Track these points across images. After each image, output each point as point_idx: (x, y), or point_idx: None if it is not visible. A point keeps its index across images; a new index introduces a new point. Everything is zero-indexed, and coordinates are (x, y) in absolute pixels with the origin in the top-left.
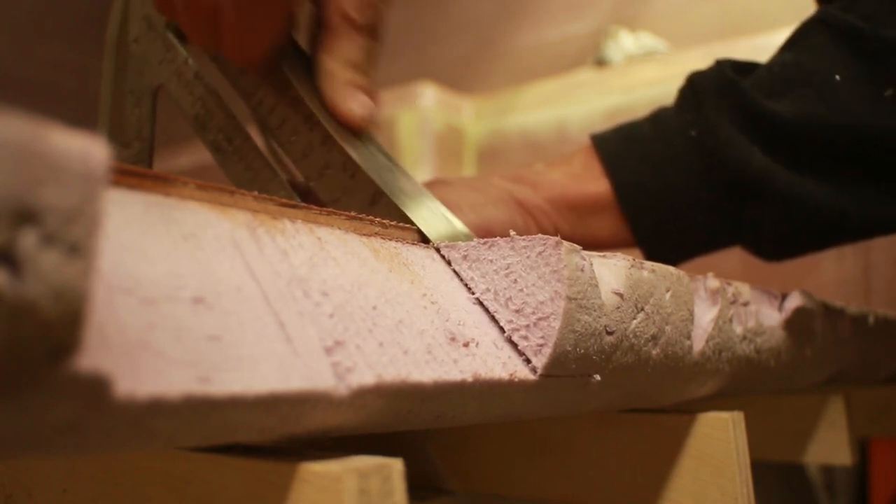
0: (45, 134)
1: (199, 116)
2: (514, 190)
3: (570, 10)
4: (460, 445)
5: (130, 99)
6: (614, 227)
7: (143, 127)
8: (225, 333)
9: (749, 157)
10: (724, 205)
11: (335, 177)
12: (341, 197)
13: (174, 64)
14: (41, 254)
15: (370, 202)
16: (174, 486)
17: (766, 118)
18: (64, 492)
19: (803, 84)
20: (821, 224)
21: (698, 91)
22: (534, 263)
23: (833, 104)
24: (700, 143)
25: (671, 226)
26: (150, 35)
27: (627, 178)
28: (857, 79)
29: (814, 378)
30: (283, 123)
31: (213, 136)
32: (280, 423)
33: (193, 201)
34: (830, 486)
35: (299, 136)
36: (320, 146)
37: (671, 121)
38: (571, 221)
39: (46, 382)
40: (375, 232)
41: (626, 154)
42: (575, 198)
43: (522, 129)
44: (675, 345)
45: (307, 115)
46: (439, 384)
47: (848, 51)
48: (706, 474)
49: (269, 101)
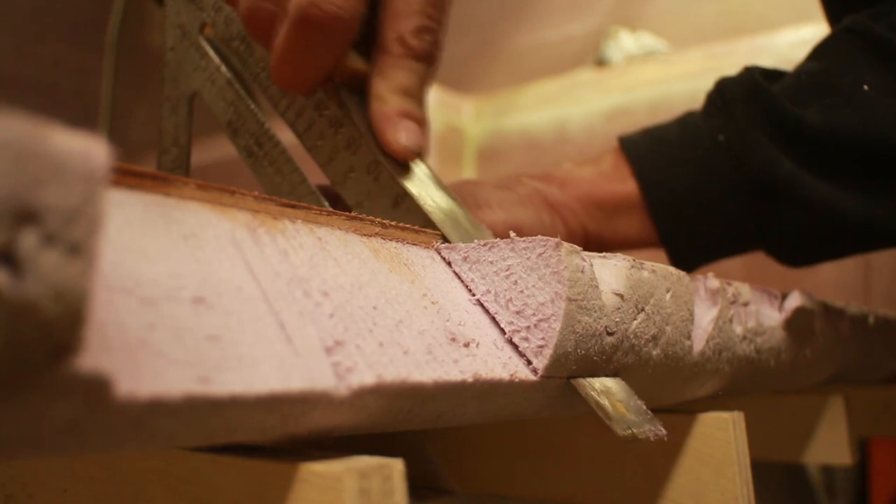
0: (45, 134)
1: (231, 122)
2: (542, 189)
3: (570, 10)
4: (460, 445)
5: (167, 106)
6: (641, 227)
7: (179, 134)
8: (225, 333)
9: (775, 163)
10: (750, 209)
11: (359, 180)
12: (364, 200)
13: (207, 71)
14: (42, 254)
15: (393, 205)
16: (174, 486)
17: (794, 125)
18: (64, 492)
19: (831, 93)
20: (845, 232)
21: (727, 96)
22: (534, 265)
23: (861, 113)
24: (727, 148)
25: (696, 228)
26: (184, 43)
27: (655, 179)
28: (886, 89)
29: (814, 378)
30: (310, 128)
31: (245, 142)
32: (280, 422)
33: (193, 201)
34: (830, 486)
35: (325, 141)
36: (344, 150)
37: (699, 125)
38: (599, 220)
39: (47, 382)
40: (376, 232)
41: (654, 156)
42: (603, 197)
43: (522, 129)
44: (676, 345)
45: (332, 118)
46: (439, 384)
47: (876, 61)
48: (706, 474)
49: (296, 106)
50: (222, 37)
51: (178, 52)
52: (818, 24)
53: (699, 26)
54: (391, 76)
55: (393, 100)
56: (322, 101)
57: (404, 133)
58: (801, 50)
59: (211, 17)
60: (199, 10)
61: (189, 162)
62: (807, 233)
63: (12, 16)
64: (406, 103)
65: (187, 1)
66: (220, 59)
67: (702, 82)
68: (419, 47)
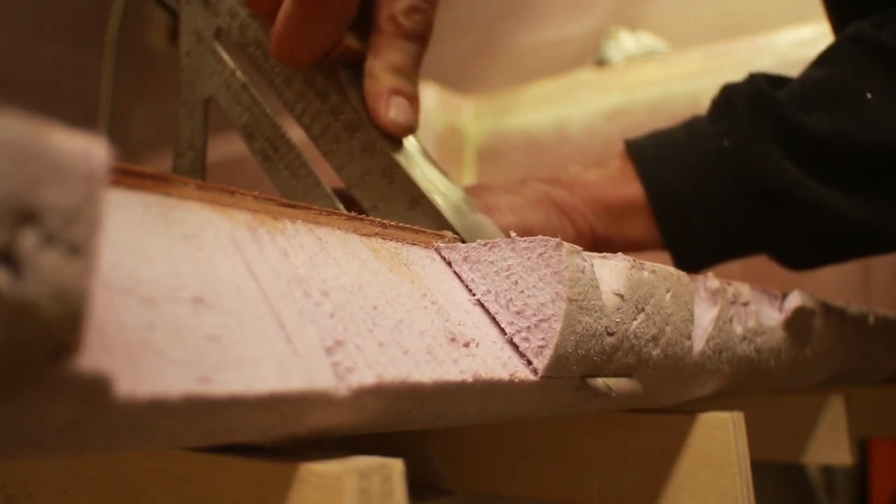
0: (45, 134)
1: (246, 126)
2: (550, 191)
3: (570, 10)
4: (460, 445)
5: (184, 111)
6: (646, 230)
7: (195, 137)
8: (225, 333)
9: (779, 168)
10: (754, 213)
11: (375, 182)
12: (380, 203)
13: (223, 76)
14: (41, 254)
15: (409, 207)
16: (174, 486)
17: (798, 131)
18: (64, 492)
19: (835, 99)
20: (847, 236)
21: (732, 102)
22: (534, 265)
23: (864, 120)
24: (732, 153)
25: (700, 231)
26: (199, 48)
27: (660, 182)
28: (889, 96)
29: (814, 378)
30: (325, 132)
31: (260, 145)
32: (280, 422)
33: (193, 201)
34: (830, 486)
35: (340, 145)
36: (360, 153)
37: (704, 130)
38: (606, 222)
39: (47, 382)
40: (376, 232)
41: (660, 160)
42: (610, 199)
43: (522, 129)
44: (676, 345)
45: (348, 122)
46: (439, 384)
47: (880, 68)
48: (706, 474)
49: (311, 111)
50: (238, 42)
51: (194, 57)
52: (818, 24)
53: (699, 26)
54: (383, 55)
55: (385, 77)
56: (338, 105)
57: (395, 109)
58: (801, 50)
59: (226, 23)
60: (214, 16)
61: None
62: (810, 237)
63: (12, 16)
64: (398, 81)
65: (203, 7)
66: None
67: (702, 82)
68: (410, 27)
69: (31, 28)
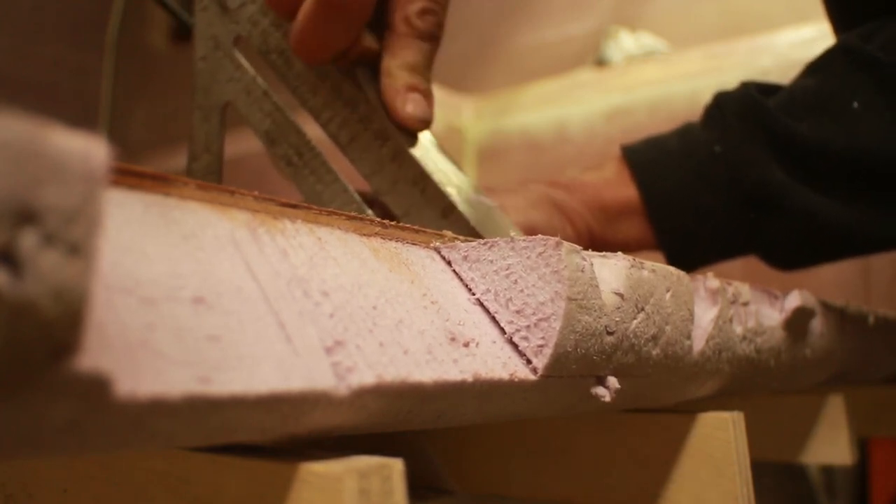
0: (45, 134)
1: (269, 132)
2: (551, 193)
3: (570, 10)
4: (460, 445)
5: (199, 115)
6: (641, 231)
7: (211, 141)
8: (225, 333)
9: (768, 174)
10: (743, 216)
11: (406, 191)
12: (411, 210)
13: (242, 82)
14: (41, 254)
15: (441, 216)
16: (174, 486)
17: (787, 138)
18: (64, 492)
19: (823, 109)
20: (831, 239)
21: (724, 109)
22: (534, 264)
23: (848, 129)
24: (724, 158)
25: (693, 232)
26: (216, 54)
27: (654, 186)
28: (874, 106)
29: (814, 378)
30: (354, 140)
31: (284, 151)
32: (280, 422)
33: (193, 201)
34: (830, 486)
35: (369, 154)
36: (390, 162)
37: (697, 136)
38: (602, 223)
39: (47, 382)
40: (375, 232)
41: (654, 164)
42: (606, 201)
43: (522, 129)
44: (676, 345)
45: (377, 131)
46: (439, 384)
47: (866, 79)
48: (706, 474)
49: (338, 119)
50: (259, 50)
51: (210, 62)
52: (818, 24)
53: (699, 26)
54: (399, 54)
55: (401, 75)
56: (366, 115)
57: (412, 104)
58: (801, 50)
59: (247, 30)
60: (233, 23)
61: (222, 168)
62: (796, 239)
63: (12, 16)
64: (413, 78)
65: (220, 13)
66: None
67: (702, 82)
68: (423, 27)
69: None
